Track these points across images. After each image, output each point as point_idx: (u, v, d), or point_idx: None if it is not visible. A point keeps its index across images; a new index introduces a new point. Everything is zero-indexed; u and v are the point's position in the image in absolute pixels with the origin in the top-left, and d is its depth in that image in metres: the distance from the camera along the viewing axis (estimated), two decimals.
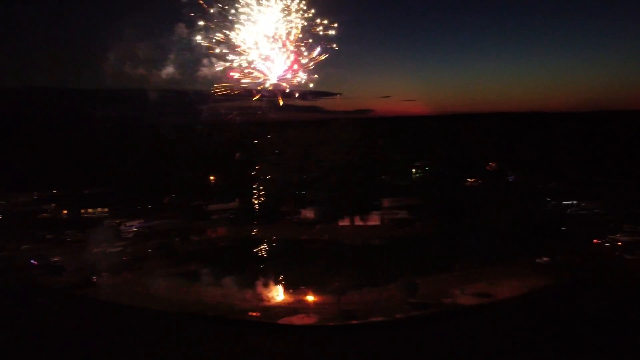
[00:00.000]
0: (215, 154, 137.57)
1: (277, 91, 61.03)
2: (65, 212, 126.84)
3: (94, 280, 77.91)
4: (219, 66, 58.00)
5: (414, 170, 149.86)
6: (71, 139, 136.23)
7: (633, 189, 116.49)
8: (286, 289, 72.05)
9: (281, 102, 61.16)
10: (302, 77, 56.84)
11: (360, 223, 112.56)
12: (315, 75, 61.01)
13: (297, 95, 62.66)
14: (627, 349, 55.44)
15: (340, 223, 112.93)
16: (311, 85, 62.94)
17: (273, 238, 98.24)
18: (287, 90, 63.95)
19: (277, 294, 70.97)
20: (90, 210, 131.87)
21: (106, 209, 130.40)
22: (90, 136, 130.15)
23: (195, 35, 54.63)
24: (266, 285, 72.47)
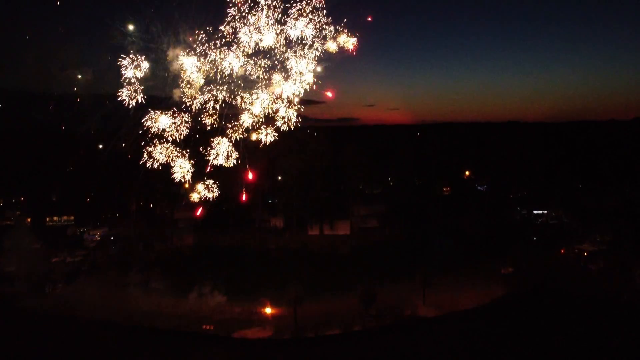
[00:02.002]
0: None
1: None
2: (29, 220, 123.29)
3: (47, 290, 75.11)
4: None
5: (389, 178, 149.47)
6: (39, 144, 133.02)
7: (603, 198, 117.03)
8: (244, 300, 70.07)
9: None
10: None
11: (330, 232, 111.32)
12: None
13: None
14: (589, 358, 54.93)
15: (310, 232, 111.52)
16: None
17: (238, 247, 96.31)
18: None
19: (234, 305, 68.99)
20: (55, 218, 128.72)
21: (72, 217, 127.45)
22: (55, 141, 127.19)
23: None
24: (223, 296, 70.47)
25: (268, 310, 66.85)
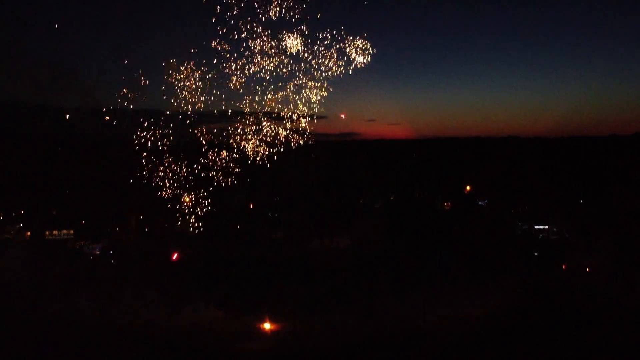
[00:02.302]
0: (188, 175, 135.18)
1: None
2: (28, 233, 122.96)
3: (43, 304, 74.46)
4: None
5: (390, 192, 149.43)
6: (39, 156, 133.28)
7: (605, 212, 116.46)
8: (241, 314, 69.39)
9: None
10: None
11: (331, 245, 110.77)
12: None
13: None
14: None
15: (311, 244, 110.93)
16: None
17: (238, 260, 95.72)
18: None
19: (231, 319, 68.31)
20: (55, 232, 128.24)
21: (72, 231, 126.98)
22: (57, 154, 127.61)
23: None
24: (223, 308, 69.94)
25: (267, 326, 66.12)
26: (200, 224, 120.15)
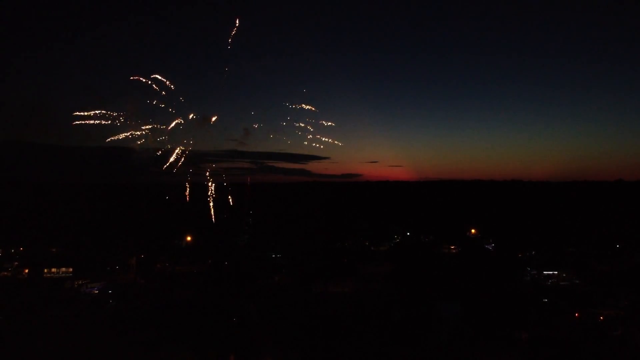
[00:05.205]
0: (190, 214, 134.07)
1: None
2: (26, 271, 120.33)
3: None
4: None
5: (395, 236, 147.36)
6: (41, 195, 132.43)
7: (615, 260, 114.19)
8: None
9: None
10: None
11: (335, 289, 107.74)
12: None
13: None
14: None
15: (314, 289, 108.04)
16: None
17: (236, 305, 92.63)
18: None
19: None
20: (54, 269, 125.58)
21: (70, 269, 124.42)
22: (60, 193, 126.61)
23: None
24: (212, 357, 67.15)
25: None
26: (201, 264, 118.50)
